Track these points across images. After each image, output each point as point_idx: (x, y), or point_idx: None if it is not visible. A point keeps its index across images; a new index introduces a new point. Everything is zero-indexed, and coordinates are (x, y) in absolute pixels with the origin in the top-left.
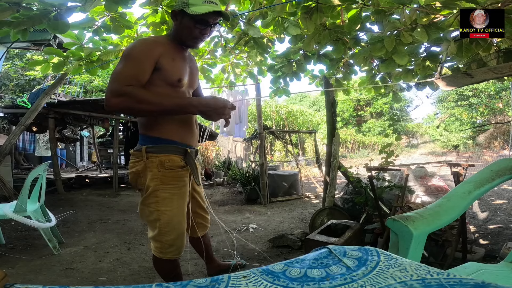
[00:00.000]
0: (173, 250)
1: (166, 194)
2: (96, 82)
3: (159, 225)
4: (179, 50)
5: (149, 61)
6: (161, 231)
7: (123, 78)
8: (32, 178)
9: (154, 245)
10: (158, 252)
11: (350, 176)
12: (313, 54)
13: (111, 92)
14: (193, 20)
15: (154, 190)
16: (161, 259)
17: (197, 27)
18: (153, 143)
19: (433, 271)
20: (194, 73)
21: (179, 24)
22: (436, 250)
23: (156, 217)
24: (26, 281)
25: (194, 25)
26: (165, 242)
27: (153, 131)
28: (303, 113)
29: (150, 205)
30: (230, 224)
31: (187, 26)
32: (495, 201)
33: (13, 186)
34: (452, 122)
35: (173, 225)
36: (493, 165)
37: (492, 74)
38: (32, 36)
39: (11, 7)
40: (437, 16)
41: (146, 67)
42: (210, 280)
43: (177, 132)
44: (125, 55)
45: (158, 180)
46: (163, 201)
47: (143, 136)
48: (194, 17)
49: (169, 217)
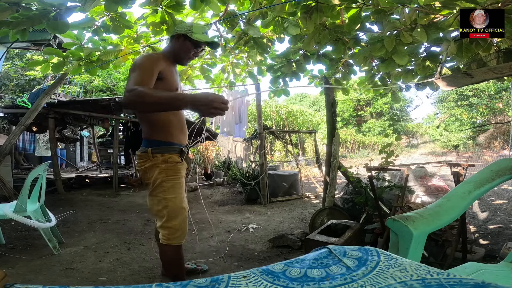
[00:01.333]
0: (179, 234)
1: (170, 184)
2: (96, 82)
3: (167, 212)
4: (173, 66)
5: (154, 71)
6: (169, 216)
7: (134, 81)
8: (32, 178)
9: (163, 232)
10: (166, 239)
11: (350, 176)
12: (312, 54)
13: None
14: (193, 45)
15: (161, 182)
16: (168, 246)
17: (193, 50)
18: (157, 146)
19: (433, 271)
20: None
21: (180, 45)
22: (436, 250)
23: (164, 205)
24: (26, 281)
25: (192, 48)
26: (172, 227)
27: (157, 136)
28: (303, 113)
29: (158, 194)
30: (230, 224)
31: (187, 48)
32: (495, 201)
33: (13, 186)
34: (452, 122)
35: (178, 211)
36: (493, 165)
37: (492, 74)
38: (31, 36)
39: (10, 7)
40: (437, 16)
41: (152, 74)
42: (210, 280)
43: (175, 136)
44: (134, 67)
45: (164, 173)
46: (168, 190)
47: (148, 140)
48: (195, 43)
49: (174, 203)
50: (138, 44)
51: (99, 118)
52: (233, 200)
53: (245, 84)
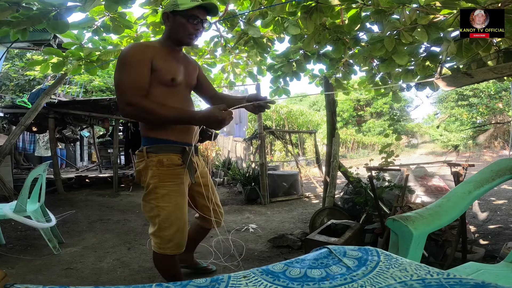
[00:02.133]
0: (171, 245)
1: (165, 191)
2: (96, 82)
3: (159, 221)
4: (171, 52)
5: (144, 65)
6: (160, 226)
7: (128, 89)
8: (32, 178)
9: (154, 240)
10: (157, 248)
11: (350, 176)
12: (313, 53)
13: (123, 103)
14: (185, 17)
15: (154, 187)
16: (160, 254)
17: (190, 23)
18: (152, 144)
19: (433, 271)
20: (191, 72)
21: (173, 24)
22: (436, 250)
23: (156, 213)
24: (26, 281)
25: (187, 21)
26: (164, 237)
27: (152, 132)
28: (303, 113)
29: (150, 201)
30: (230, 224)
31: (181, 23)
32: (495, 201)
33: (13, 186)
34: (452, 122)
35: (172, 221)
36: (493, 165)
37: (492, 74)
38: (32, 36)
39: (10, 7)
40: (437, 16)
41: (144, 71)
42: (210, 280)
43: (174, 132)
44: (121, 63)
45: (157, 177)
46: (162, 198)
47: (144, 138)
48: (186, 14)
49: (168, 213)
50: None
51: (99, 118)
52: (233, 200)
53: (245, 84)
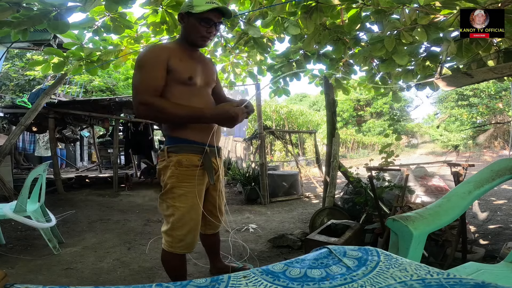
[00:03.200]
0: (182, 245)
1: (182, 191)
2: (96, 82)
3: (172, 220)
4: (187, 51)
5: (160, 67)
6: (173, 225)
7: (143, 89)
8: (32, 178)
9: (166, 239)
10: (168, 246)
11: (350, 176)
12: (313, 53)
13: (138, 103)
14: (198, 20)
15: (171, 187)
16: (169, 253)
17: (202, 25)
18: (173, 143)
19: (433, 271)
20: (209, 73)
21: (186, 25)
22: (436, 250)
23: (171, 212)
24: (26, 281)
25: (199, 23)
26: (176, 236)
27: (174, 132)
28: (303, 113)
29: (167, 200)
30: (230, 224)
31: (194, 25)
32: (495, 201)
33: (13, 186)
34: (452, 122)
35: (185, 221)
36: (493, 165)
37: (492, 74)
38: (32, 36)
39: (11, 7)
40: (437, 16)
41: (159, 73)
42: (210, 280)
43: (196, 132)
44: (137, 65)
45: (175, 178)
46: (178, 198)
47: (166, 137)
48: (199, 17)
49: (182, 213)
50: (138, 44)
51: (99, 118)
52: (233, 200)
53: (245, 84)
